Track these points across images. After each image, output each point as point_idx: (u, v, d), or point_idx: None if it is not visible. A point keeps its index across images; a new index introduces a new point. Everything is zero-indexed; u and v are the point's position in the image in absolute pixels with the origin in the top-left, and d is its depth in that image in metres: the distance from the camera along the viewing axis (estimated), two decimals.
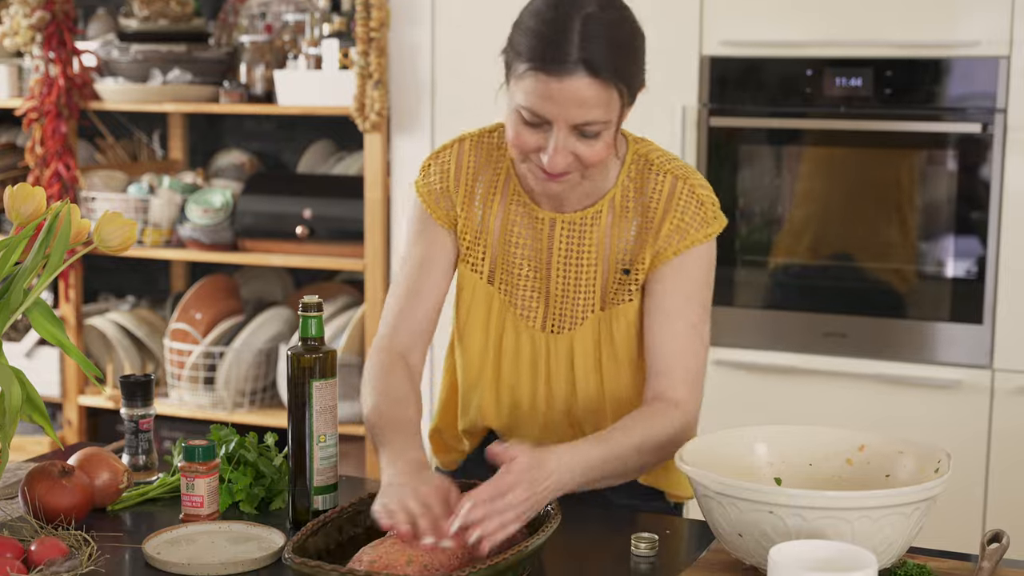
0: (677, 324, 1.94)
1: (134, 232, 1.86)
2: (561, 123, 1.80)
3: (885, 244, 3.40)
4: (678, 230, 1.93)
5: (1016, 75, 3.19)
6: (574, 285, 1.98)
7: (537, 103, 1.79)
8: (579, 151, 1.82)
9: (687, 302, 1.95)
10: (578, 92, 1.77)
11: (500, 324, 2.03)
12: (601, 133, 1.81)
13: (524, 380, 2.04)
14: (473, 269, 2.03)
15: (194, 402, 4.22)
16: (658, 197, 1.94)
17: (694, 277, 1.95)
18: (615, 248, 1.96)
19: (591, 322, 1.98)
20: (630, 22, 1.83)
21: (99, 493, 1.93)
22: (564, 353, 2.00)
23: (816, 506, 1.56)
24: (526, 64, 1.79)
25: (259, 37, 4.26)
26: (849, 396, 3.40)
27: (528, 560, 1.66)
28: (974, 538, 3.12)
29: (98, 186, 4.33)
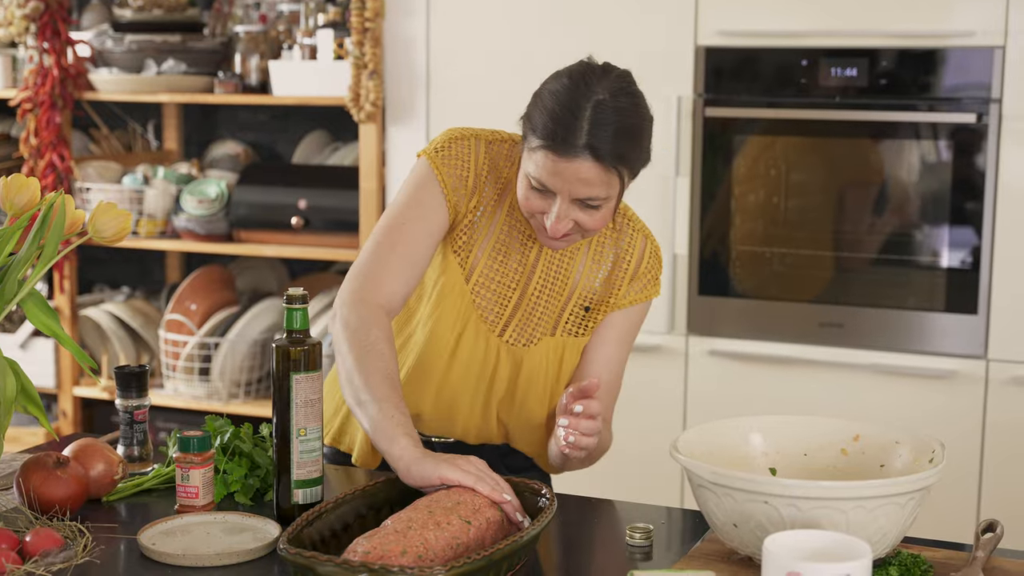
0: (611, 364, 2.14)
1: (129, 223, 1.86)
2: (565, 195, 1.94)
3: (880, 234, 3.40)
4: (639, 285, 2.14)
5: (1011, 65, 3.20)
6: (543, 307, 2.11)
7: (545, 176, 1.93)
8: (580, 219, 1.96)
9: (622, 346, 2.15)
10: (582, 173, 1.90)
11: (464, 322, 2.09)
12: (602, 206, 1.95)
13: (471, 374, 2.11)
14: (459, 263, 2.10)
15: (189, 393, 4.22)
16: (632, 253, 2.13)
17: (635, 326, 2.16)
18: (583, 285, 2.12)
19: (543, 345, 2.11)
20: (639, 108, 1.95)
21: (94, 484, 1.93)
22: (513, 364, 2.10)
23: (811, 496, 1.56)
24: (539, 141, 1.92)
25: (254, 27, 4.25)
26: (844, 386, 3.41)
27: (523, 550, 1.66)
28: (968, 528, 3.13)
29: (93, 177, 4.33)
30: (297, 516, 1.80)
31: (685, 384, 3.56)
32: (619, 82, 1.93)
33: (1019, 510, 3.22)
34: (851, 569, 1.38)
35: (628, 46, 3.51)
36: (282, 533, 1.68)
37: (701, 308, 3.54)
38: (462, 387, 2.12)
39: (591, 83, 1.91)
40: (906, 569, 1.63)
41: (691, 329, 3.55)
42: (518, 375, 2.11)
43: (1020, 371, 3.26)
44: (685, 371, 3.56)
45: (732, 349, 3.51)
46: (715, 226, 3.52)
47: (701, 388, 3.56)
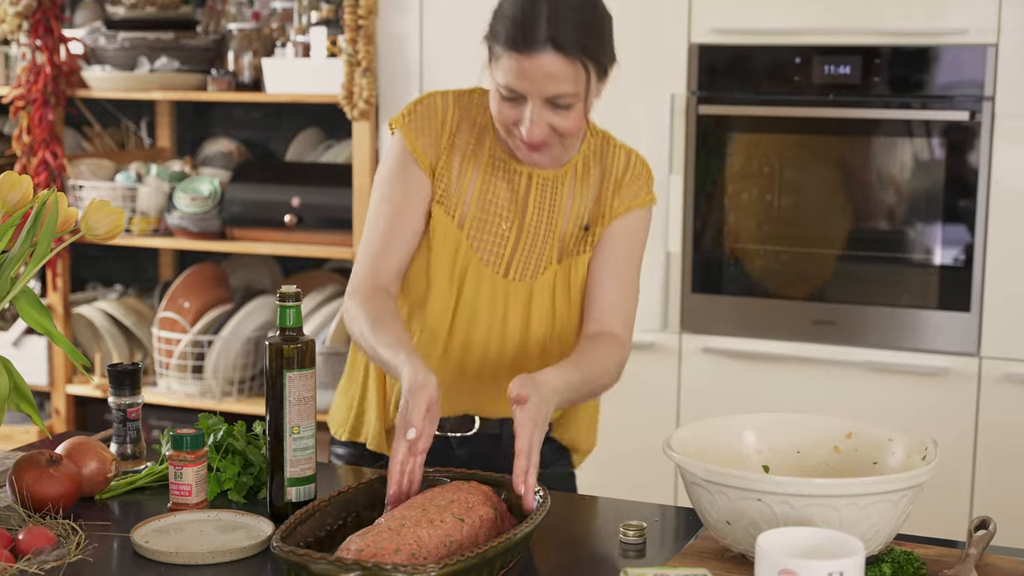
0: (620, 273, 2.14)
1: (122, 220, 1.86)
2: (535, 96, 1.97)
3: (873, 232, 3.41)
4: (630, 192, 2.15)
5: (1003, 63, 3.20)
6: (543, 238, 2.13)
7: (512, 80, 1.96)
8: (554, 122, 1.99)
9: (628, 255, 2.16)
10: (547, 67, 1.94)
11: (464, 268, 2.12)
12: (573, 105, 1.98)
13: (480, 323, 2.12)
14: (447, 212, 2.12)
15: (182, 391, 4.21)
16: (616, 166, 2.16)
17: (636, 235, 2.16)
18: (576, 206, 2.14)
19: (549, 273, 2.13)
20: (596, 5, 2.02)
21: (87, 482, 1.93)
22: (523, 299, 2.12)
23: (804, 493, 1.56)
24: (502, 46, 1.97)
25: (247, 25, 4.25)
26: (838, 384, 3.41)
27: (516, 548, 1.66)
28: (961, 525, 3.13)
29: (85, 174, 4.32)
30: (290, 514, 1.79)
31: (678, 382, 3.56)
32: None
33: (1012, 507, 3.22)
34: (844, 566, 1.38)
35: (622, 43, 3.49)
36: (275, 531, 1.68)
37: (694, 306, 3.55)
38: (474, 331, 2.12)
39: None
40: (899, 566, 1.63)
41: (684, 327, 3.56)
42: (529, 311, 2.12)
43: (1013, 368, 3.26)
44: (679, 369, 3.56)
45: (725, 347, 3.51)
46: (708, 224, 3.52)
47: (694, 386, 3.56)
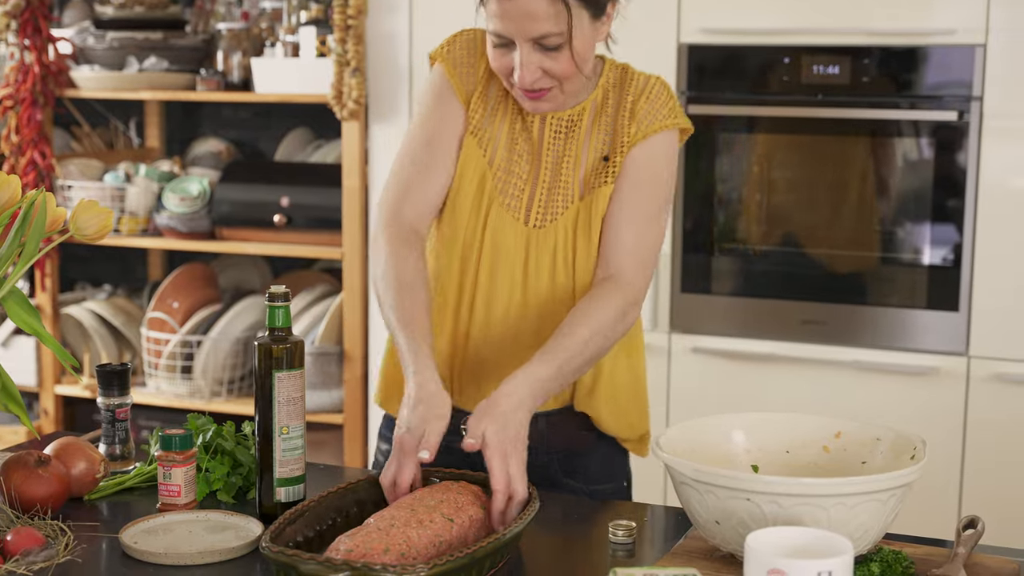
0: (636, 208, 2.05)
1: (110, 220, 1.85)
2: (521, 39, 1.94)
3: (862, 231, 3.41)
4: (648, 114, 2.07)
5: (992, 63, 3.21)
6: (562, 180, 2.07)
7: (498, 24, 1.95)
8: (545, 65, 1.96)
9: (647, 186, 2.06)
10: (527, 7, 1.91)
11: (487, 210, 2.08)
12: (562, 46, 1.95)
13: (502, 277, 2.07)
14: (479, 145, 2.09)
15: (171, 391, 4.21)
16: (634, 89, 2.09)
17: (659, 163, 2.07)
18: (595, 140, 2.08)
19: (571, 212, 2.06)
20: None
21: (76, 483, 1.93)
22: (546, 249, 2.06)
23: (792, 493, 1.56)
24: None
25: (236, 24, 4.25)
26: (826, 383, 3.42)
27: (506, 548, 1.66)
28: (949, 524, 3.14)
29: (74, 174, 4.31)
30: (280, 514, 1.79)
31: (668, 381, 3.56)
32: None
33: (1000, 506, 3.23)
34: (833, 566, 1.38)
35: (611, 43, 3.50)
36: (264, 531, 1.68)
37: (684, 305, 3.55)
38: (496, 284, 2.07)
39: None
40: (887, 565, 1.64)
41: (674, 326, 3.56)
42: (554, 258, 2.06)
43: (1001, 368, 3.27)
44: (668, 368, 3.56)
45: (715, 346, 3.51)
46: (698, 223, 3.52)
47: (684, 385, 3.56)
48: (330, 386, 4.04)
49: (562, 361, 1.91)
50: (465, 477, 1.85)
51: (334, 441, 4.10)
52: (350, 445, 3.99)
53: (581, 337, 1.94)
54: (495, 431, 1.79)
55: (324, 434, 4.11)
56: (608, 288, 2.01)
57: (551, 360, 1.90)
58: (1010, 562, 1.68)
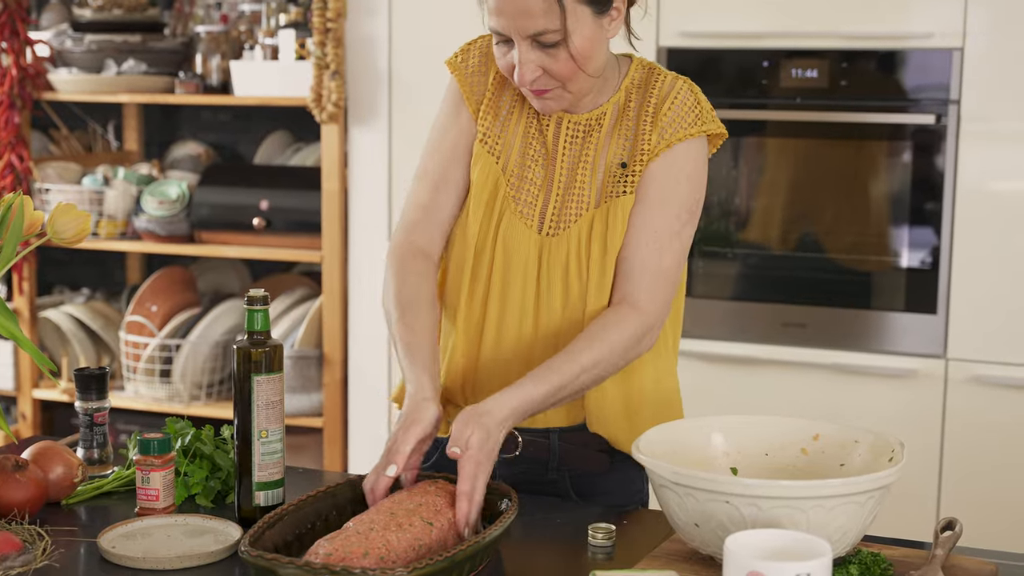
0: (656, 225, 1.97)
1: (88, 224, 1.85)
2: (518, 36, 1.89)
3: (842, 235, 3.42)
4: (672, 123, 1.98)
5: (969, 66, 3.22)
6: (577, 187, 2.00)
7: (495, 22, 1.91)
8: (544, 64, 1.90)
9: (671, 201, 1.98)
10: (520, 3, 1.86)
11: (500, 217, 2.02)
12: (560, 44, 1.88)
13: (514, 289, 2.00)
14: (490, 152, 2.03)
15: (150, 395, 4.19)
16: (658, 92, 2.00)
17: (681, 175, 1.98)
18: (614, 146, 2.00)
19: (586, 219, 1.98)
20: None
21: (53, 487, 1.92)
22: (559, 258, 1.99)
23: (771, 495, 1.57)
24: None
25: (215, 27, 4.24)
26: (806, 386, 3.43)
27: (485, 551, 1.66)
28: (928, 526, 3.15)
29: (52, 177, 4.30)
30: (259, 518, 1.79)
31: None
32: None
33: (978, 508, 3.24)
34: (812, 568, 1.39)
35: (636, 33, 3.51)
36: (243, 535, 1.67)
37: None
38: (509, 295, 2.00)
39: None
40: (866, 568, 1.64)
41: None
42: (567, 269, 1.98)
43: (979, 370, 3.28)
44: None
45: (695, 349, 3.52)
46: None
47: None
48: (309, 390, 4.03)
49: (557, 386, 1.87)
50: (442, 477, 1.85)
51: (313, 445, 4.09)
52: (329, 449, 3.98)
53: (582, 364, 1.89)
54: (479, 441, 1.78)
55: (303, 438, 4.10)
56: (623, 312, 1.94)
57: (546, 381, 1.86)
58: (987, 564, 1.69)
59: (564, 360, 1.89)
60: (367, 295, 3.85)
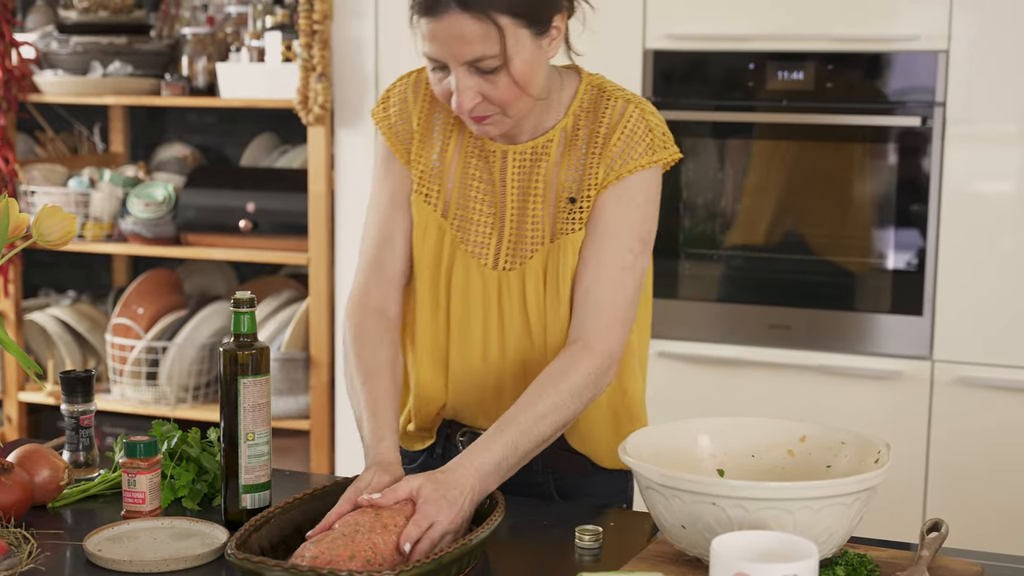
0: (607, 261, 1.91)
1: (74, 226, 1.84)
2: (454, 63, 1.82)
3: (828, 237, 3.43)
4: (622, 154, 1.91)
5: (954, 69, 3.23)
6: (530, 218, 1.95)
7: (429, 48, 1.83)
8: (484, 90, 1.84)
9: (622, 233, 1.92)
10: (455, 28, 1.79)
11: (450, 261, 1.98)
12: (500, 69, 1.82)
13: (475, 322, 1.98)
14: (427, 201, 1.98)
15: (136, 398, 4.18)
16: (608, 119, 1.93)
17: (633, 206, 1.92)
18: (563, 176, 1.94)
19: (540, 255, 1.94)
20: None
21: (39, 490, 1.92)
22: (516, 290, 1.96)
23: (758, 497, 1.57)
24: (415, 12, 1.84)
25: (201, 29, 4.23)
26: (793, 388, 3.43)
27: (472, 553, 1.66)
28: (914, 527, 3.16)
29: (38, 180, 4.29)
30: (245, 521, 1.79)
31: None
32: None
33: (964, 510, 3.25)
34: (798, 569, 1.39)
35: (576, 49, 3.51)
36: (230, 538, 1.67)
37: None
38: (469, 332, 1.99)
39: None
40: (852, 569, 1.64)
41: None
42: (525, 302, 1.95)
43: (965, 371, 3.29)
44: None
45: (681, 351, 3.52)
46: (664, 229, 3.52)
47: (650, 390, 3.55)
48: (296, 392, 4.03)
49: (516, 438, 1.80)
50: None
51: (300, 447, 4.09)
52: (316, 451, 3.98)
53: (539, 412, 1.82)
54: (449, 516, 1.69)
55: (290, 440, 4.10)
56: (577, 353, 1.88)
57: (504, 438, 1.79)
58: (973, 565, 1.69)
59: (519, 410, 1.83)
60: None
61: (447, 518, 1.68)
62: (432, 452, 2.13)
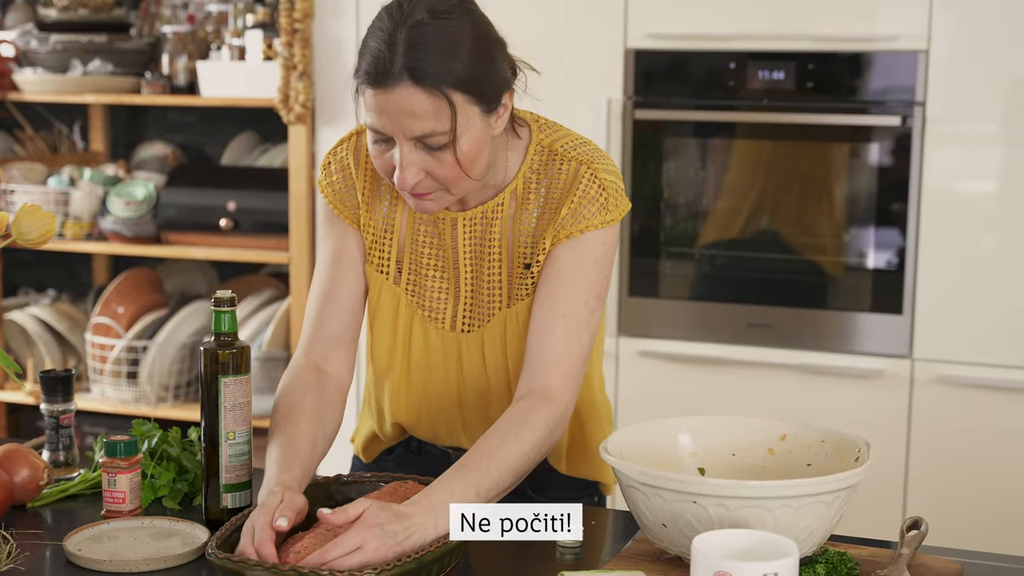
0: (562, 314, 1.87)
1: (54, 225, 1.84)
2: (400, 137, 1.76)
3: (808, 236, 3.44)
4: (574, 214, 1.87)
5: (934, 69, 3.24)
6: (485, 282, 1.93)
7: (374, 119, 1.76)
8: (429, 167, 1.78)
9: (575, 288, 1.87)
10: (405, 102, 1.72)
11: (408, 325, 1.98)
12: (447, 145, 1.76)
13: (436, 377, 1.99)
14: (378, 270, 1.97)
15: (117, 397, 4.17)
16: (560, 185, 1.89)
17: (587, 262, 1.88)
18: (517, 241, 1.91)
19: (499, 319, 1.93)
20: (466, 24, 1.76)
21: (19, 490, 1.91)
22: (475, 349, 1.96)
23: (738, 496, 1.57)
24: (360, 80, 1.76)
25: (181, 27, 4.22)
26: (773, 386, 3.44)
27: (453, 553, 1.66)
28: (894, 525, 3.17)
29: (17, 178, 4.27)
30: (226, 520, 1.78)
31: (616, 385, 3.57)
32: (440, 0, 1.75)
33: (943, 508, 3.26)
34: (778, 567, 1.39)
35: (558, 48, 3.52)
36: (211, 538, 1.67)
37: (631, 309, 3.56)
38: (430, 385, 1.99)
39: (408, 6, 1.74)
40: (833, 567, 1.65)
41: (621, 330, 3.57)
42: (484, 360, 1.95)
43: (944, 370, 3.30)
44: (616, 372, 3.57)
45: (662, 350, 3.53)
46: (645, 228, 3.54)
47: (631, 389, 3.57)
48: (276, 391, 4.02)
49: (478, 482, 1.73)
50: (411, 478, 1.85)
51: None
52: None
53: (500, 457, 1.77)
54: (378, 546, 1.60)
55: None
56: (533, 404, 1.83)
57: (466, 481, 1.73)
58: (953, 563, 1.70)
59: (482, 454, 1.77)
60: None
61: (374, 547, 1.59)
62: (408, 445, 2.15)
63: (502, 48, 1.82)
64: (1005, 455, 3.27)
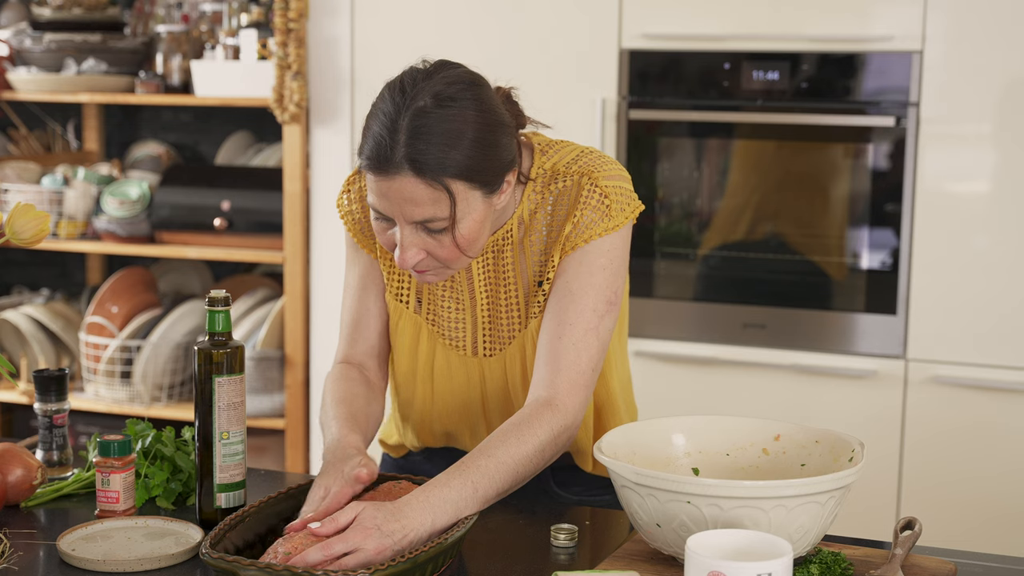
0: (571, 322, 1.88)
1: (47, 224, 1.84)
2: (400, 220, 1.78)
3: (802, 236, 3.44)
4: (577, 226, 1.88)
5: (928, 69, 3.25)
6: (503, 306, 1.95)
7: (375, 201, 1.79)
8: (429, 247, 1.80)
9: (582, 296, 1.88)
10: (406, 191, 1.74)
11: (430, 351, 2.01)
12: (447, 229, 1.78)
13: (458, 398, 2.03)
14: (398, 298, 2.00)
15: (111, 396, 4.17)
16: (565, 201, 1.90)
17: (593, 270, 1.89)
18: (529, 261, 1.93)
19: (519, 341, 1.95)
20: (469, 112, 1.76)
21: (12, 489, 1.91)
22: (498, 372, 1.99)
23: (733, 496, 1.57)
24: (363, 162, 1.78)
25: (176, 27, 4.21)
26: (767, 386, 3.44)
27: (448, 552, 1.66)
28: (888, 525, 3.17)
29: (11, 178, 4.26)
30: (220, 520, 1.78)
31: None
32: (446, 84, 1.77)
33: (937, 508, 3.27)
34: (772, 568, 1.40)
35: (552, 48, 3.52)
36: (205, 537, 1.67)
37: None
38: (452, 403, 2.03)
39: (411, 90, 1.76)
40: (827, 567, 1.65)
41: None
42: (506, 381, 1.99)
43: (938, 371, 3.31)
44: None
45: (656, 350, 3.53)
46: (639, 228, 3.54)
47: None
48: (271, 391, 4.02)
49: (476, 480, 1.74)
50: (405, 478, 1.85)
51: (275, 446, 4.08)
52: (291, 450, 3.97)
53: (500, 459, 1.77)
54: (376, 545, 1.61)
55: (265, 439, 4.09)
56: (540, 411, 1.84)
57: (463, 478, 1.73)
58: (946, 563, 1.70)
59: (481, 454, 1.78)
60: (329, 296, 3.84)
61: (373, 547, 1.59)
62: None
63: (508, 131, 1.82)
64: (999, 455, 3.28)
